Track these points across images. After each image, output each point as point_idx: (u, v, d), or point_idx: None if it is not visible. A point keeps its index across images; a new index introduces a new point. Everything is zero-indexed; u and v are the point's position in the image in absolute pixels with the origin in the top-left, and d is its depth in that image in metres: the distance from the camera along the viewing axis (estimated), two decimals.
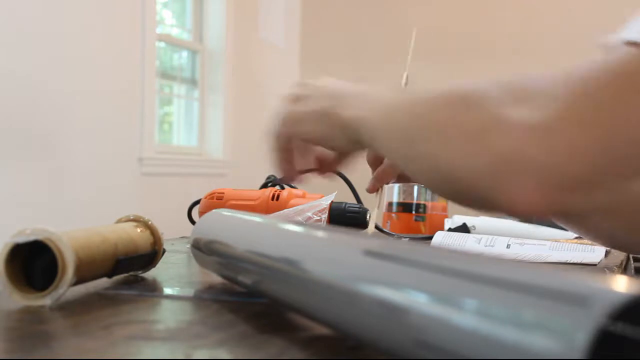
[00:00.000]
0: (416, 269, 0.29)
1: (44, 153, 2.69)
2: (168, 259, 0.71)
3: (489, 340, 0.23)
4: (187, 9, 3.80)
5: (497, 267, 0.26)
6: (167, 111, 3.81)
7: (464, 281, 0.26)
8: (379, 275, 0.31)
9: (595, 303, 0.21)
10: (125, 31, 3.09)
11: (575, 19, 3.93)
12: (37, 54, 2.64)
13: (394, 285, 0.30)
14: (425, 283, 0.28)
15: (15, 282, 0.46)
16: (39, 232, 0.46)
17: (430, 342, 0.26)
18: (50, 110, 2.71)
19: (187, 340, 0.38)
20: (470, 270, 0.26)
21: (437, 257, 0.29)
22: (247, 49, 4.01)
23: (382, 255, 0.32)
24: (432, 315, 0.26)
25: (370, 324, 0.31)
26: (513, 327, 0.22)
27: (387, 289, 0.30)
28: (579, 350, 0.20)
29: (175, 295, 0.54)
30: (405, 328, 0.28)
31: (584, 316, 0.20)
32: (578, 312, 0.21)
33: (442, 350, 0.25)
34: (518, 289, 0.23)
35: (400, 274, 0.30)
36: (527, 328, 0.22)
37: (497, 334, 0.23)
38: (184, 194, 2.79)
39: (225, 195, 1.00)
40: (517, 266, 0.25)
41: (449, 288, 0.26)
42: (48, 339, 0.39)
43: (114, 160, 3.03)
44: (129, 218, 0.59)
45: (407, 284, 0.29)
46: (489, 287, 0.24)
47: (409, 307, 0.28)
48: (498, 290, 0.24)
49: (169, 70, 3.69)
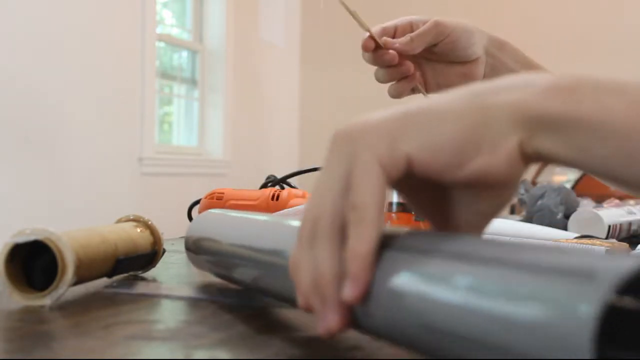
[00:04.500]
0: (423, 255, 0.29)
1: (43, 153, 2.69)
2: (168, 259, 0.71)
3: (501, 319, 0.23)
4: (187, 9, 3.80)
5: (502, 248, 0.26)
6: (167, 111, 3.81)
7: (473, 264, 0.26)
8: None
9: (602, 276, 0.21)
10: (125, 31, 3.09)
11: (576, 21, 3.93)
12: (37, 54, 2.64)
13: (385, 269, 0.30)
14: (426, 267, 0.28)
15: (15, 282, 0.46)
16: (39, 232, 0.46)
17: (438, 326, 0.26)
18: (50, 110, 2.71)
19: (186, 340, 0.38)
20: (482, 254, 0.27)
21: (444, 243, 0.29)
22: (247, 49, 4.01)
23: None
24: (433, 298, 0.27)
25: (359, 309, 0.31)
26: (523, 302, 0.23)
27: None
28: (587, 324, 0.20)
29: (175, 295, 0.54)
30: (409, 312, 0.28)
31: (590, 289, 0.21)
32: (585, 284, 0.21)
33: (449, 333, 0.25)
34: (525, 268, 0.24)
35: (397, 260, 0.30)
36: (534, 304, 0.22)
37: (506, 311, 0.23)
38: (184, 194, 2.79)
39: (225, 195, 1.00)
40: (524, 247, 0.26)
41: (449, 270, 0.27)
42: (48, 339, 0.39)
43: (114, 160, 3.03)
44: (128, 218, 0.59)
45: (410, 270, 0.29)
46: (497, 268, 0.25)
47: (408, 291, 0.28)
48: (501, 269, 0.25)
49: (169, 70, 3.69)
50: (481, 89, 0.33)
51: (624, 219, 1.13)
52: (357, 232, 0.30)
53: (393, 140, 0.31)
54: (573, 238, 1.00)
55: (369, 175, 0.31)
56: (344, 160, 0.32)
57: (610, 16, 3.83)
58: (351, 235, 0.30)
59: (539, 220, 1.17)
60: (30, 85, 2.62)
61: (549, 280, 0.22)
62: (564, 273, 0.22)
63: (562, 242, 0.86)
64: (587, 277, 0.21)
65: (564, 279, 0.22)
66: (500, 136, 0.31)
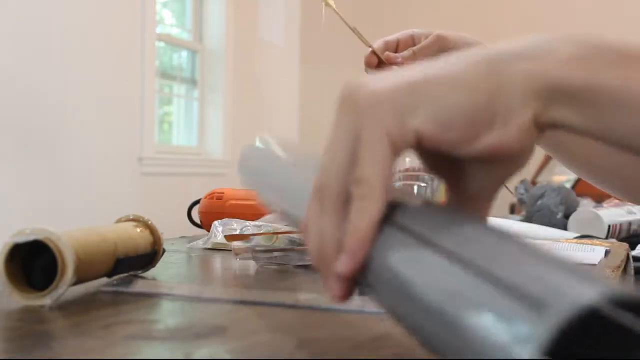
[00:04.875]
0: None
1: (44, 153, 2.69)
2: (168, 259, 0.71)
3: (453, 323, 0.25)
4: (187, 9, 3.80)
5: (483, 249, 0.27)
6: (167, 111, 3.81)
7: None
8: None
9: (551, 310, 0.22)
10: (125, 31, 3.09)
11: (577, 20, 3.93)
12: (38, 54, 2.64)
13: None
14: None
15: (15, 282, 0.46)
16: (39, 232, 0.46)
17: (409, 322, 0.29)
18: (50, 110, 2.71)
19: (187, 340, 0.38)
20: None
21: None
22: (247, 49, 4.01)
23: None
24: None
25: (361, 280, 0.31)
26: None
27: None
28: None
29: (175, 295, 0.54)
30: (395, 294, 0.29)
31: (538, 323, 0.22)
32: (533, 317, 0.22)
33: (419, 329, 0.28)
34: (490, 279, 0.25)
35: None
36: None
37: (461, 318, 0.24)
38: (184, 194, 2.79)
39: (225, 195, 1.00)
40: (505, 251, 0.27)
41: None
42: (48, 339, 0.39)
43: (114, 160, 3.03)
44: (128, 218, 0.59)
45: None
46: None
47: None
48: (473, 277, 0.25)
49: (169, 70, 3.69)
50: (497, 54, 0.31)
51: (624, 219, 1.13)
52: (359, 207, 0.30)
53: (402, 115, 0.30)
54: (573, 238, 1.00)
55: (375, 151, 0.30)
56: (351, 131, 0.31)
57: (610, 17, 3.84)
58: (353, 210, 0.30)
59: (539, 220, 1.17)
60: (30, 85, 2.62)
61: (503, 301, 0.24)
62: (519, 297, 0.23)
63: (562, 242, 0.86)
64: (536, 309, 0.22)
65: (516, 305, 0.23)
66: (514, 109, 0.30)
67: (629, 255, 0.80)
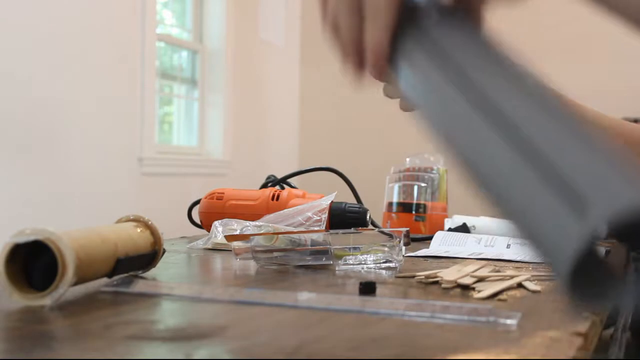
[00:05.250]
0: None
1: (44, 153, 2.69)
2: (168, 259, 0.71)
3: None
4: (187, 9, 3.80)
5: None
6: (167, 111, 3.81)
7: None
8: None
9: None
10: (125, 31, 3.09)
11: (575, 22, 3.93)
12: (38, 54, 2.64)
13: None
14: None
15: (15, 282, 0.46)
16: (39, 232, 0.46)
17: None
18: (50, 110, 2.71)
19: (187, 340, 0.38)
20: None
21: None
22: (247, 49, 4.01)
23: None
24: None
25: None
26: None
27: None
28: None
29: (175, 295, 0.54)
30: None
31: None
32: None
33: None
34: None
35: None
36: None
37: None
38: (184, 194, 2.79)
39: (225, 195, 1.00)
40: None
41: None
42: (48, 339, 0.39)
43: (114, 160, 3.03)
44: (129, 218, 0.59)
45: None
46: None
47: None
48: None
49: (169, 70, 3.69)
50: None
51: None
52: (372, 25, 0.37)
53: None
54: None
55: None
56: None
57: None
58: (367, 29, 0.37)
59: None
60: (31, 85, 2.62)
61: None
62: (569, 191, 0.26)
63: None
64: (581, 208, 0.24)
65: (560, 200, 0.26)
66: None
67: (629, 253, 0.80)
